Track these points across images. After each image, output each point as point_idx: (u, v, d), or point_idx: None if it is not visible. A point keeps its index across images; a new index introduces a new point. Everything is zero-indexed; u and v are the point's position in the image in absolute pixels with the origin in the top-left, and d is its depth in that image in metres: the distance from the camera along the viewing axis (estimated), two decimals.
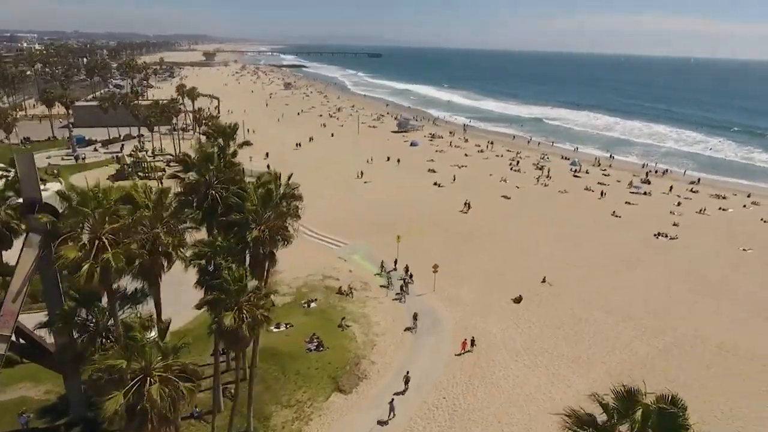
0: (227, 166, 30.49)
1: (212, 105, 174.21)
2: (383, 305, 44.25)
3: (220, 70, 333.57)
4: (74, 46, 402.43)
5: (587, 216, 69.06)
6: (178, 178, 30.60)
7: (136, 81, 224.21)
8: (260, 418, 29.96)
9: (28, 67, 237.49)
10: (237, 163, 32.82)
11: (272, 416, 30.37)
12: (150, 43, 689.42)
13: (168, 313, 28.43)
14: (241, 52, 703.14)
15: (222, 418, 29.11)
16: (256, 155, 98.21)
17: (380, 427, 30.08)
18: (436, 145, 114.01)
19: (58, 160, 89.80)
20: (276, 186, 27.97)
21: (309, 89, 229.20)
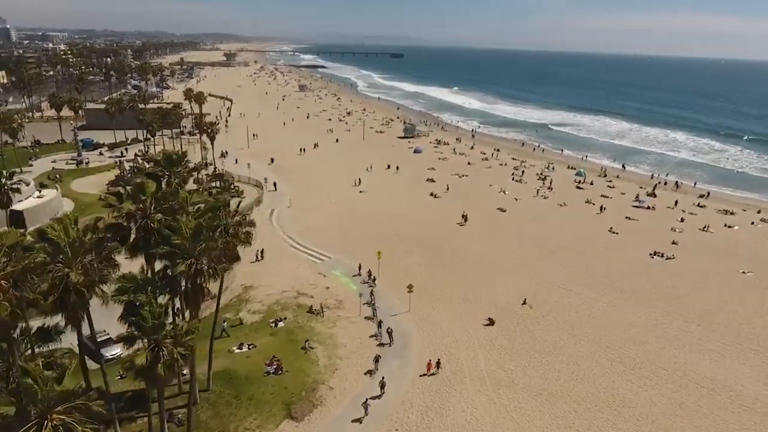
0: (171, 194, 30.01)
1: (225, 106, 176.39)
2: (354, 325, 43.48)
3: (239, 71, 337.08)
4: (98, 47, 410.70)
5: (583, 232, 67.05)
6: (113, 206, 30.29)
7: (153, 82, 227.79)
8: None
9: (51, 67, 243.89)
10: (179, 191, 32.22)
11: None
12: (175, 42, 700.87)
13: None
14: (263, 51, 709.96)
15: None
16: (258, 160, 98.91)
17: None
18: (440, 152, 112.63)
19: (64, 164, 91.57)
20: (216, 216, 27.39)
21: (323, 91, 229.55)
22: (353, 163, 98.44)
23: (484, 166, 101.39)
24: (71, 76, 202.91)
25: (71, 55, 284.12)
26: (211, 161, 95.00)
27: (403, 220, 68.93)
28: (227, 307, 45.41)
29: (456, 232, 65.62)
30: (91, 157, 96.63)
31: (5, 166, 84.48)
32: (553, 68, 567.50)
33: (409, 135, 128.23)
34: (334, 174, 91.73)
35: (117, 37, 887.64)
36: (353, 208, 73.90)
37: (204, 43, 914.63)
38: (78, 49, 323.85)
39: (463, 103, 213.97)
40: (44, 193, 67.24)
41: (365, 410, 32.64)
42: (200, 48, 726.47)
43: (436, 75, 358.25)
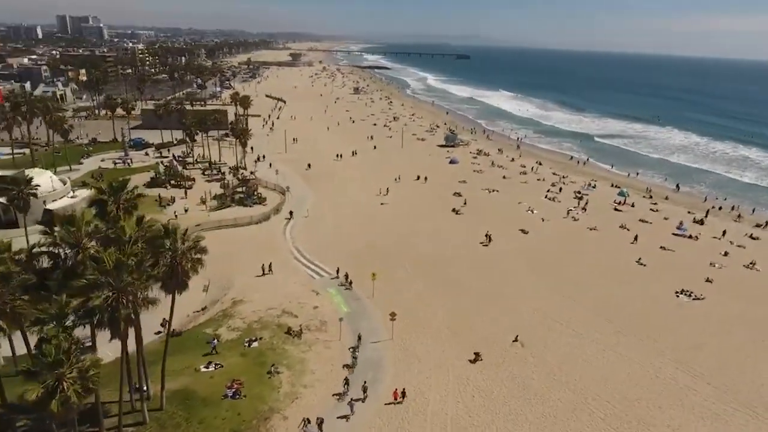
0: (113, 222, 30.30)
1: (277, 107, 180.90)
2: (329, 351, 42.54)
3: (302, 71, 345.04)
4: (176, 46, 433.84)
5: (606, 262, 62.22)
6: (48, 233, 30.92)
7: (215, 82, 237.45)
8: None
9: (128, 66, 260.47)
10: (123, 220, 32.34)
11: None
12: (249, 41, 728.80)
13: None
14: (331, 51, 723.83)
15: None
16: (294, 165, 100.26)
17: None
18: (477, 163, 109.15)
19: (111, 164, 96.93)
20: (161, 245, 27.30)
21: (377, 94, 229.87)
22: (385, 172, 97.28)
23: (519, 181, 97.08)
24: (139, 75, 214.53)
25: (147, 54, 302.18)
26: (245, 165, 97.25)
27: (416, 237, 67.09)
28: (211, 321, 46.00)
29: (468, 254, 62.90)
30: (138, 157, 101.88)
31: (58, 163, 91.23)
32: (629, 73, 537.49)
33: (450, 144, 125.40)
34: (362, 183, 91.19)
35: (198, 35, 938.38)
36: (369, 221, 72.87)
37: (277, 42, 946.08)
38: (153, 48, 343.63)
39: (518, 110, 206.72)
40: (77, 193, 71.37)
41: (351, 409, 34.96)
42: (273, 47, 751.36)
43: (498, 79, 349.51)
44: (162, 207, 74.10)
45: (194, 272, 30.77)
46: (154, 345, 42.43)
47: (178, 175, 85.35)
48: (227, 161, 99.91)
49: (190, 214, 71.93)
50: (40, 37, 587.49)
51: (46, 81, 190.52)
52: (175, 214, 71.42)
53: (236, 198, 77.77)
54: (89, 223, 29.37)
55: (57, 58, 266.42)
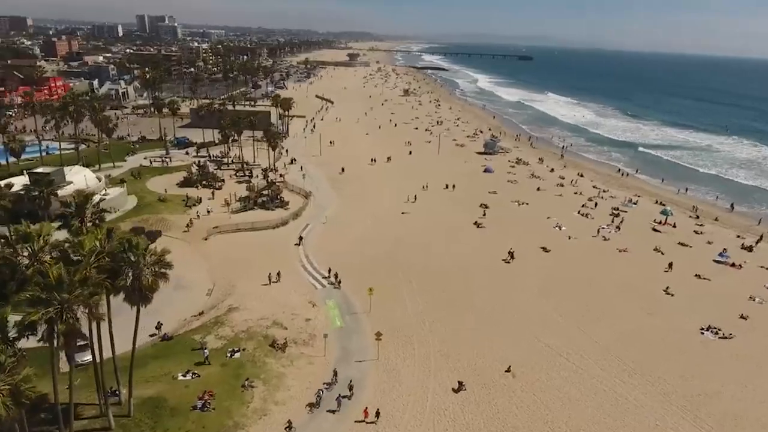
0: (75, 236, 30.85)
1: (324, 107, 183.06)
2: (311, 367, 41.91)
3: (357, 71, 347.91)
4: (239, 45, 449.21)
5: (629, 289, 57.76)
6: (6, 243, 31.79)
7: (270, 82, 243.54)
8: None
9: (191, 65, 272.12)
10: (84, 234, 32.72)
11: None
12: (311, 41, 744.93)
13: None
14: (391, 51, 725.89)
15: None
16: (327, 169, 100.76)
17: None
18: (513, 173, 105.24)
19: (152, 162, 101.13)
20: (123, 258, 27.56)
21: (426, 96, 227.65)
22: (416, 178, 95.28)
23: (553, 194, 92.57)
24: (193, 75, 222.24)
25: (210, 53, 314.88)
26: (276, 167, 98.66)
27: (430, 250, 65.29)
28: (203, 327, 46.49)
29: (483, 271, 60.36)
30: (178, 156, 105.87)
31: (103, 160, 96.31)
32: (704, 77, 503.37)
33: (489, 151, 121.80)
34: (390, 190, 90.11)
35: (265, 34, 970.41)
36: (386, 231, 71.64)
37: (340, 41, 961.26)
38: (216, 48, 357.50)
39: (572, 116, 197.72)
40: (110, 191, 74.73)
41: (338, 404, 37.00)
42: (335, 47, 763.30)
43: (557, 82, 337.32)
44: (188, 207, 76.27)
45: (156, 286, 30.73)
46: (144, 347, 43.41)
47: (209, 175, 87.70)
48: (262, 163, 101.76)
49: (212, 215, 73.66)
50: (121, 35, 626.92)
51: (112, 79, 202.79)
52: (197, 214, 73.49)
53: (259, 201, 78.83)
54: (48, 236, 30.05)
55: (126, 56, 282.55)
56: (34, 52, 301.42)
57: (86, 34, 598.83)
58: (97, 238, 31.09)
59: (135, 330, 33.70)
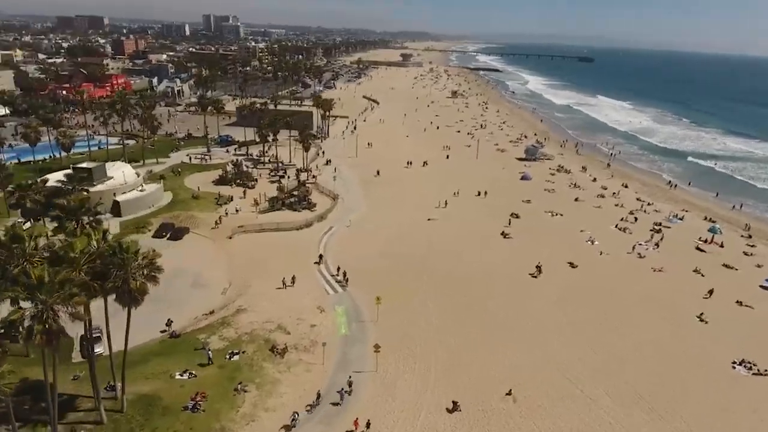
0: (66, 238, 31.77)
1: (370, 107, 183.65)
2: (308, 374, 41.74)
3: (409, 72, 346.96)
4: (296, 45, 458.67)
5: (658, 313, 53.92)
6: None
7: (320, 81, 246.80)
8: None
9: (246, 64, 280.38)
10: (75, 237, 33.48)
11: None
12: (367, 41, 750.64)
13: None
14: (446, 51, 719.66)
15: None
16: (362, 170, 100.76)
17: None
18: (552, 181, 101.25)
19: (193, 159, 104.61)
20: (113, 261, 28.35)
21: (475, 98, 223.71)
22: (450, 184, 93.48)
23: (592, 205, 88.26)
24: (245, 73, 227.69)
25: (266, 53, 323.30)
26: (310, 168, 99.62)
27: (451, 259, 63.70)
28: (209, 327, 47.34)
29: (503, 285, 58.26)
30: (219, 154, 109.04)
31: (149, 155, 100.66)
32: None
33: (530, 157, 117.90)
34: (421, 195, 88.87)
35: (323, 34, 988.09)
36: (409, 237, 70.54)
37: (396, 41, 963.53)
38: (272, 47, 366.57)
39: (628, 121, 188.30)
40: (146, 187, 77.89)
41: (341, 397, 38.57)
42: (390, 46, 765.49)
43: (615, 85, 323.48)
44: (218, 205, 78.23)
45: (145, 289, 31.35)
46: (151, 344, 44.74)
47: (243, 174, 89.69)
48: (298, 163, 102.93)
49: (240, 214, 75.23)
50: (187, 34, 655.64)
51: (170, 77, 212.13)
52: (226, 212, 75.30)
53: (287, 202, 79.76)
54: (39, 237, 31.17)
55: (187, 55, 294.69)
56: (106, 51, 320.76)
57: (156, 33, 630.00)
58: (94, 239, 32.14)
59: (126, 330, 34.57)
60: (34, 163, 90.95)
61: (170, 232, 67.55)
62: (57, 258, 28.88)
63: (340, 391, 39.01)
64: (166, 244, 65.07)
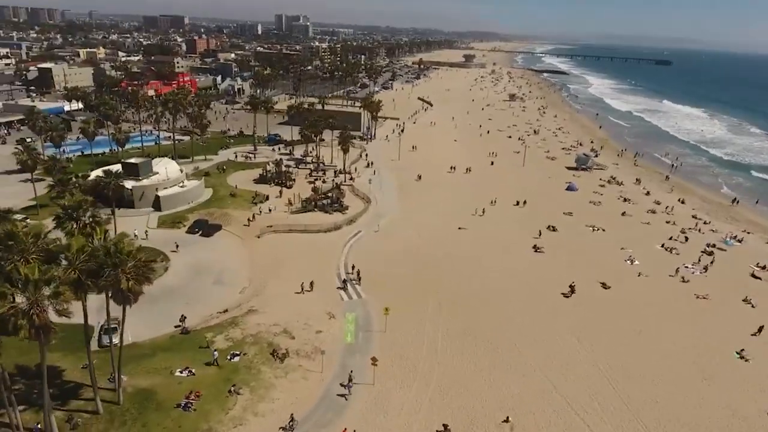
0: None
1: (423, 108, 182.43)
2: (304, 382, 41.64)
3: (470, 73, 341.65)
4: (360, 44, 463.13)
5: (692, 346, 49.36)
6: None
7: (377, 82, 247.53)
8: None
9: (308, 64, 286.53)
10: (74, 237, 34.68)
11: None
12: (432, 41, 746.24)
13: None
14: (513, 52, 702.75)
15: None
16: (403, 174, 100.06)
17: None
18: (599, 194, 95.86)
19: (239, 157, 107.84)
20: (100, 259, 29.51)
21: (534, 102, 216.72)
22: (489, 191, 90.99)
23: (640, 221, 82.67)
24: (309, 73, 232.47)
25: (327, 53, 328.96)
26: (349, 170, 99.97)
27: (474, 272, 61.77)
28: (218, 326, 48.28)
29: (524, 303, 55.77)
30: (266, 152, 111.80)
31: (198, 152, 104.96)
32: None
33: (581, 166, 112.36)
34: (457, 202, 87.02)
35: (391, 33, 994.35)
36: (438, 246, 68.98)
37: (463, 41, 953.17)
38: (333, 47, 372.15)
39: (698, 130, 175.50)
40: (187, 183, 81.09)
41: (348, 389, 40.32)
42: (456, 47, 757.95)
43: (691, 90, 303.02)
44: (254, 204, 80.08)
45: (136, 290, 32.27)
46: (162, 338, 46.31)
47: (282, 174, 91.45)
48: (339, 164, 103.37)
49: (272, 214, 76.68)
50: (259, 33, 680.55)
51: (233, 76, 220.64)
52: (260, 211, 77.03)
53: (319, 203, 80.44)
54: (38, 235, 32.64)
55: (253, 54, 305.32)
56: (180, 50, 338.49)
57: (231, 32, 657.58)
58: (97, 238, 33.59)
59: (121, 327, 35.85)
60: (93, 156, 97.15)
61: (203, 228, 69.82)
62: (52, 256, 30.42)
63: (346, 384, 40.57)
64: (197, 239, 67.65)
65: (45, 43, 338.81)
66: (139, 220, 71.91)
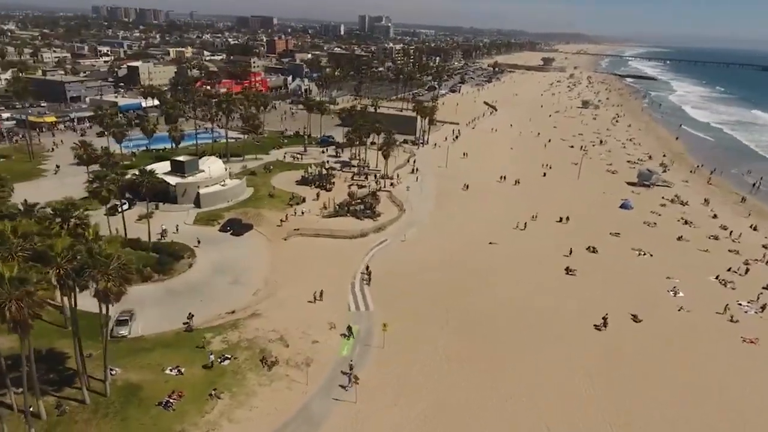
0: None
1: (483, 115, 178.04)
2: (287, 392, 41.47)
3: (545, 77, 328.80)
4: (427, 46, 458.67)
5: (729, 401, 43.88)
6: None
7: (445, 85, 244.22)
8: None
9: (381, 64, 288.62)
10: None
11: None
12: (513, 42, 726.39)
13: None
14: (600, 55, 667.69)
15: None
16: (448, 182, 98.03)
17: None
18: (658, 213, 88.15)
19: (289, 157, 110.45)
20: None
21: (608, 110, 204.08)
22: (534, 205, 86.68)
23: (697, 247, 75.00)
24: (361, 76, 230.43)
25: (401, 54, 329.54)
26: (392, 175, 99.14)
27: (495, 292, 59.00)
28: (219, 327, 49.35)
29: (545, 334, 52.39)
30: (314, 154, 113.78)
31: (250, 151, 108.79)
32: None
33: (643, 182, 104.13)
34: (496, 214, 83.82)
35: (473, 34, 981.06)
36: (464, 261, 66.64)
37: (547, 43, 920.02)
38: (407, 48, 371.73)
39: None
40: (227, 182, 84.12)
41: (348, 380, 41.96)
42: (538, 49, 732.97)
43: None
44: (289, 205, 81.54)
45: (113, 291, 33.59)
46: (169, 334, 48.18)
47: (322, 176, 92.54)
48: (385, 168, 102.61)
49: (305, 216, 77.73)
50: (341, 34, 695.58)
51: (303, 76, 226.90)
52: (295, 212, 78.39)
53: (351, 208, 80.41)
54: (25, 235, 34.72)
55: (327, 54, 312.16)
56: (261, 50, 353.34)
57: (315, 32, 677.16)
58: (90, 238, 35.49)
59: (104, 323, 37.41)
60: (154, 151, 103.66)
61: (234, 227, 71.99)
62: (38, 256, 32.50)
63: (348, 373, 42.58)
64: (227, 238, 69.92)
65: (143, 42, 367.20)
66: (180, 216, 75.61)
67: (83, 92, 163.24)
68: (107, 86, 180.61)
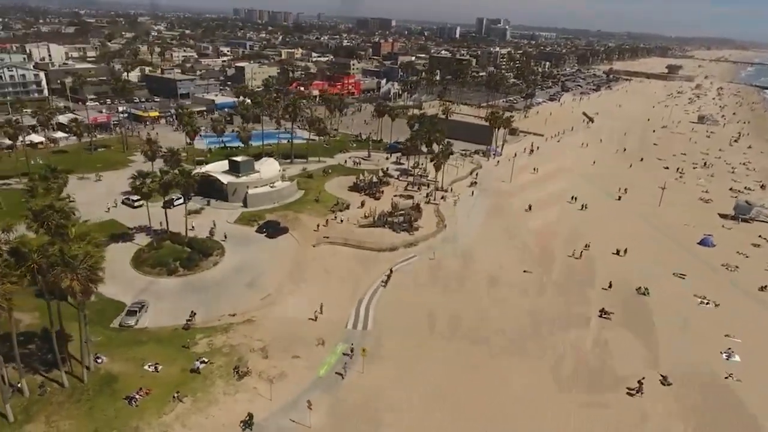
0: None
1: (584, 125, 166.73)
2: (248, 404, 41.31)
3: (664, 87, 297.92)
4: (534, 51, 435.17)
5: None
6: None
7: (533, 92, 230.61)
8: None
9: (482, 69, 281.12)
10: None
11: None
12: (640, 47, 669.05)
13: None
14: (744, 62, 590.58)
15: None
16: (507, 199, 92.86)
17: None
18: (746, 255, 75.14)
19: (350, 161, 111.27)
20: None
21: (731, 126, 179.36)
22: (595, 233, 78.70)
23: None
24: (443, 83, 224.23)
25: (506, 59, 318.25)
26: (444, 188, 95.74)
27: (508, 334, 54.16)
28: (211, 329, 50.77)
29: (565, 393, 47.36)
30: (376, 159, 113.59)
31: (316, 153, 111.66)
32: None
33: (739, 215, 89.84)
34: (545, 240, 77.26)
35: (600, 38, 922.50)
36: (488, 288, 62.60)
37: (682, 48, 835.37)
38: (512, 53, 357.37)
39: None
40: (276, 184, 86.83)
41: (344, 369, 45.50)
42: (669, 55, 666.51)
43: None
44: (331, 211, 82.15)
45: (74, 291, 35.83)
46: (169, 329, 50.70)
47: (372, 183, 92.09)
48: (446, 179, 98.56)
49: (342, 224, 77.79)
50: (457, 36, 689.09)
51: (396, 78, 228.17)
52: (334, 218, 78.98)
53: (388, 220, 78.87)
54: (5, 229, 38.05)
55: (430, 57, 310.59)
56: (367, 52, 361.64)
57: (431, 34, 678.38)
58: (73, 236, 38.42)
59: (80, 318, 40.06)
60: (227, 149, 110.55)
61: (270, 229, 74.10)
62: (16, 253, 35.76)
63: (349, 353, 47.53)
64: (260, 239, 72.29)
65: (264, 43, 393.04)
66: (228, 213, 79.64)
67: (192, 89, 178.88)
68: (214, 84, 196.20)
